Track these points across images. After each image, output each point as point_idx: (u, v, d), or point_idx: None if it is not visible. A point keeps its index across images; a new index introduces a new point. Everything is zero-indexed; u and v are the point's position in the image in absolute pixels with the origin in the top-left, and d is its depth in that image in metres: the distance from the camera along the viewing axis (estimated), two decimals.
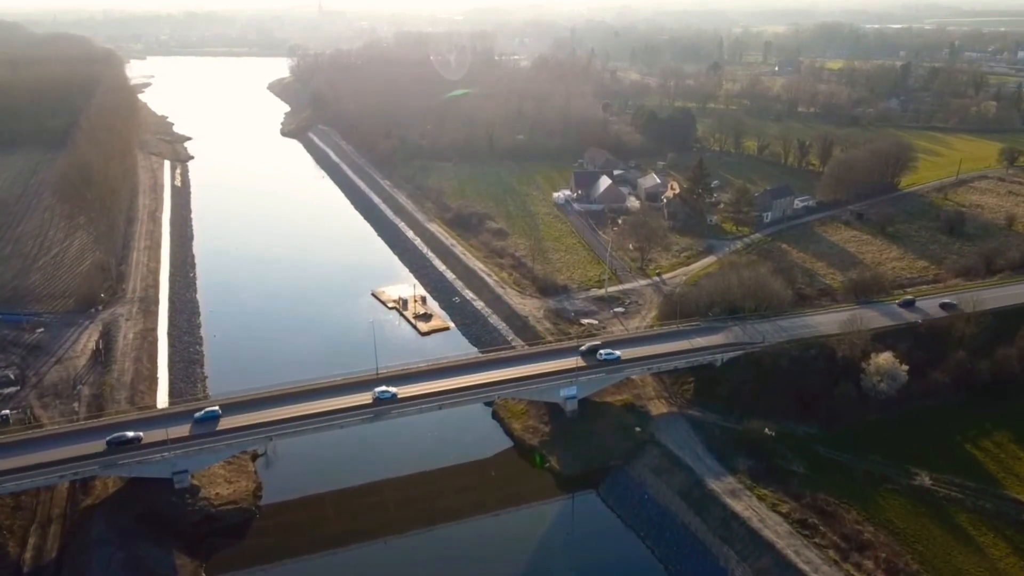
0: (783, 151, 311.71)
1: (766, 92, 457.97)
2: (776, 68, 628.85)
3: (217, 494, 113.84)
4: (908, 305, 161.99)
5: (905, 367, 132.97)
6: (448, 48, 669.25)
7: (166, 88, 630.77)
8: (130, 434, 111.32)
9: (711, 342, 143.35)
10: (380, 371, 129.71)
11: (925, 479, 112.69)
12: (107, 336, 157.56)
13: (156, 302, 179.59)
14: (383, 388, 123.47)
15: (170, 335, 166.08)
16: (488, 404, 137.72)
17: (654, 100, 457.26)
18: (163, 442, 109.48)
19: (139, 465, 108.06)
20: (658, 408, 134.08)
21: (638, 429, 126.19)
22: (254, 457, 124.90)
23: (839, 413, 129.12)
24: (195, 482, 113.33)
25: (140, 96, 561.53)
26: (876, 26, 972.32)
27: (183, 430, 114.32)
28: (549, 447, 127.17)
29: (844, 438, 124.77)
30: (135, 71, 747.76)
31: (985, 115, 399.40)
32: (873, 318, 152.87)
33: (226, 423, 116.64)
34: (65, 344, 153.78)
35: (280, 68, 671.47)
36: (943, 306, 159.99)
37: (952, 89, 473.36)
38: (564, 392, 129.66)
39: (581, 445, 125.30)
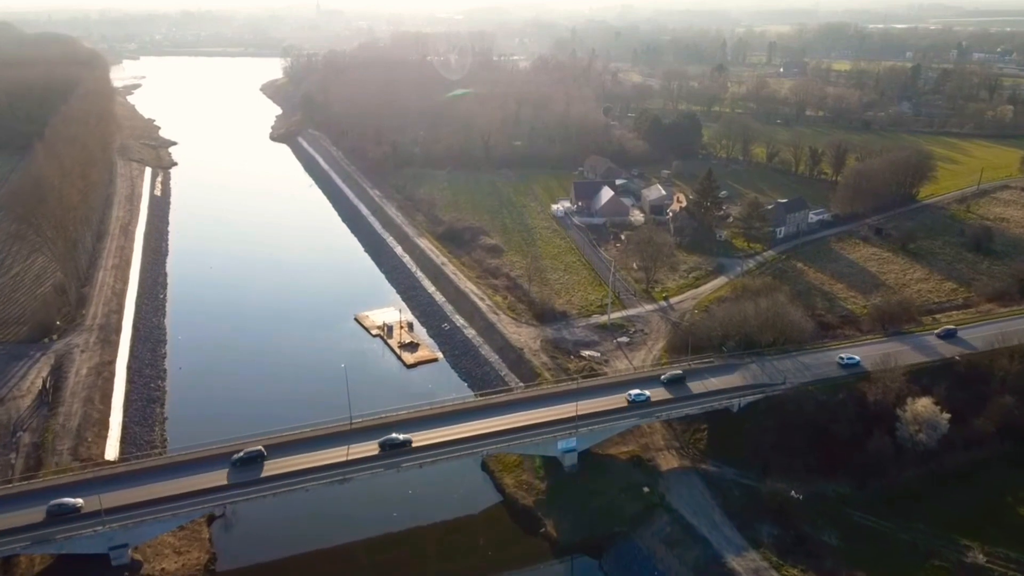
0: (794, 159, 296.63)
1: (773, 95, 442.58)
2: (781, 69, 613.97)
3: (163, 570, 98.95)
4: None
5: (946, 415, 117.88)
6: (447, 49, 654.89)
7: (156, 90, 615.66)
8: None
9: (726, 383, 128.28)
10: (354, 421, 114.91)
11: (978, 555, 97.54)
12: (58, 371, 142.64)
13: (118, 330, 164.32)
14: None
15: (130, 368, 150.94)
16: None
17: (657, 103, 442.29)
18: (97, 513, 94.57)
19: (68, 540, 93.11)
20: (668, 462, 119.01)
21: (646, 489, 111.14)
22: (210, 520, 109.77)
23: (873, 469, 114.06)
24: (137, 556, 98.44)
25: (129, 98, 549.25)
26: (880, 26, 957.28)
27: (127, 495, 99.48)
28: (544, 508, 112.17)
29: (880, 500, 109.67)
30: (127, 72, 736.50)
31: (1002, 120, 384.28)
32: (905, 353, 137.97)
33: (176, 487, 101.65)
34: (10, 381, 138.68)
35: (274, 69, 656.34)
36: None
37: (964, 92, 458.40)
38: (562, 445, 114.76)
39: (581, 507, 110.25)
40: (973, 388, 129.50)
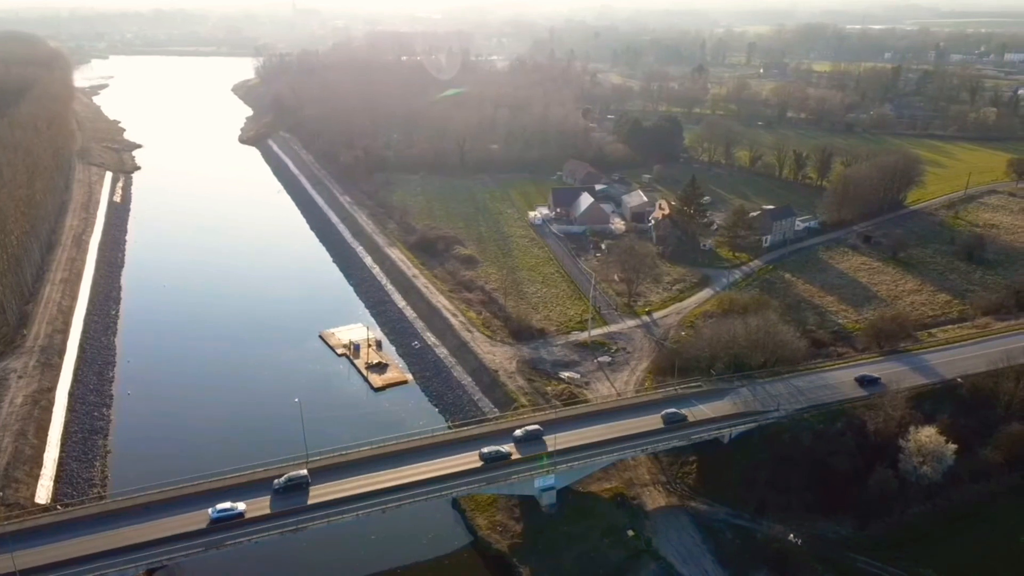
0: (778, 163, 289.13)
1: (754, 97, 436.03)
2: (761, 71, 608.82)
3: None
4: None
5: (952, 445, 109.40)
6: (424, 49, 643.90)
7: (124, 90, 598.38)
8: None
9: (716, 411, 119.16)
10: (311, 459, 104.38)
11: None
12: None
13: (62, 351, 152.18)
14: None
15: (72, 395, 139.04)
16: None
17: (637, 105, 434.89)
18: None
19: None
20: (655, 499, 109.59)
21: (631, 532, 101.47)
22: (150, 573, 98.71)
23: (875, 506, 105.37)
24: None
25: (95, 99, 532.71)
26: (858, 27, 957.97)
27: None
28: (520, 553, 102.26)
29: (884, 541, 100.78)
30: (94, 71, 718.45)
31: (985, 122, 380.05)
32: (904, 374, 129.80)
33: (110, 540, 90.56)
34: None
35: (247, 69, 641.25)
36: None
37: (946, 94, 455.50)
38: (540, 483, 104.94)
39: (560, 553, 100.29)
40: (978, 414, 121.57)
